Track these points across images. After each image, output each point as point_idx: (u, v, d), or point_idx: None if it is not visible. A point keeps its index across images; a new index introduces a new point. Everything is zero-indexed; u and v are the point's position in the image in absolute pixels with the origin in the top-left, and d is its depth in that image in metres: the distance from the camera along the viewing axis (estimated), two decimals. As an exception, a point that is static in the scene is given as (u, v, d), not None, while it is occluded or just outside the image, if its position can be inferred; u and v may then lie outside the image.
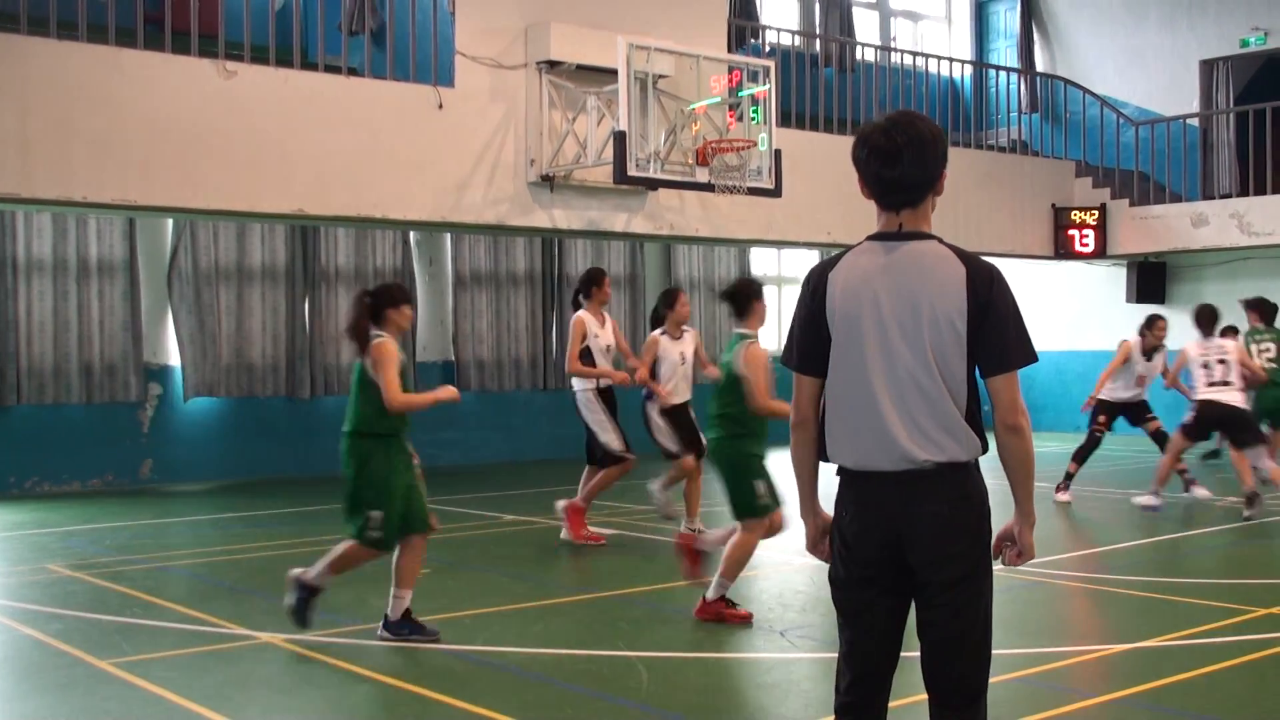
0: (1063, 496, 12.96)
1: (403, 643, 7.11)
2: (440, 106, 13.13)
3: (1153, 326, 13.29)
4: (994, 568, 3.82)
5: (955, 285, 3.65)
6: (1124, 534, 11.15)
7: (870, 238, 3.84)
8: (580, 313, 10.72)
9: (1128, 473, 15.60)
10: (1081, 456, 13.20)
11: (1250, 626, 7.33)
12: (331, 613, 7.92)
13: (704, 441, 8.99)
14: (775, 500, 7.56)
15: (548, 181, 13.72)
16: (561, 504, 10.74)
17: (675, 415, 10.57)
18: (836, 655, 3.96)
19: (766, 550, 10.23)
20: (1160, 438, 12.97)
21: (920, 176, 3.81)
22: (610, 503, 12.65)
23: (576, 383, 10.76)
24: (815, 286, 3.83)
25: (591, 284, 10.86)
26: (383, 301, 7.39)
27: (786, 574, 9.33)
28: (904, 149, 3.76)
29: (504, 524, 11.84)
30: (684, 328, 10.66)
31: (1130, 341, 13.16)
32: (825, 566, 4.01)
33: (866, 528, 3.75)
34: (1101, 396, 13.24)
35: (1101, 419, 13.21)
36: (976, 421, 3.70)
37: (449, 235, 16.84)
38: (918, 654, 3.85)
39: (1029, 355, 3.63)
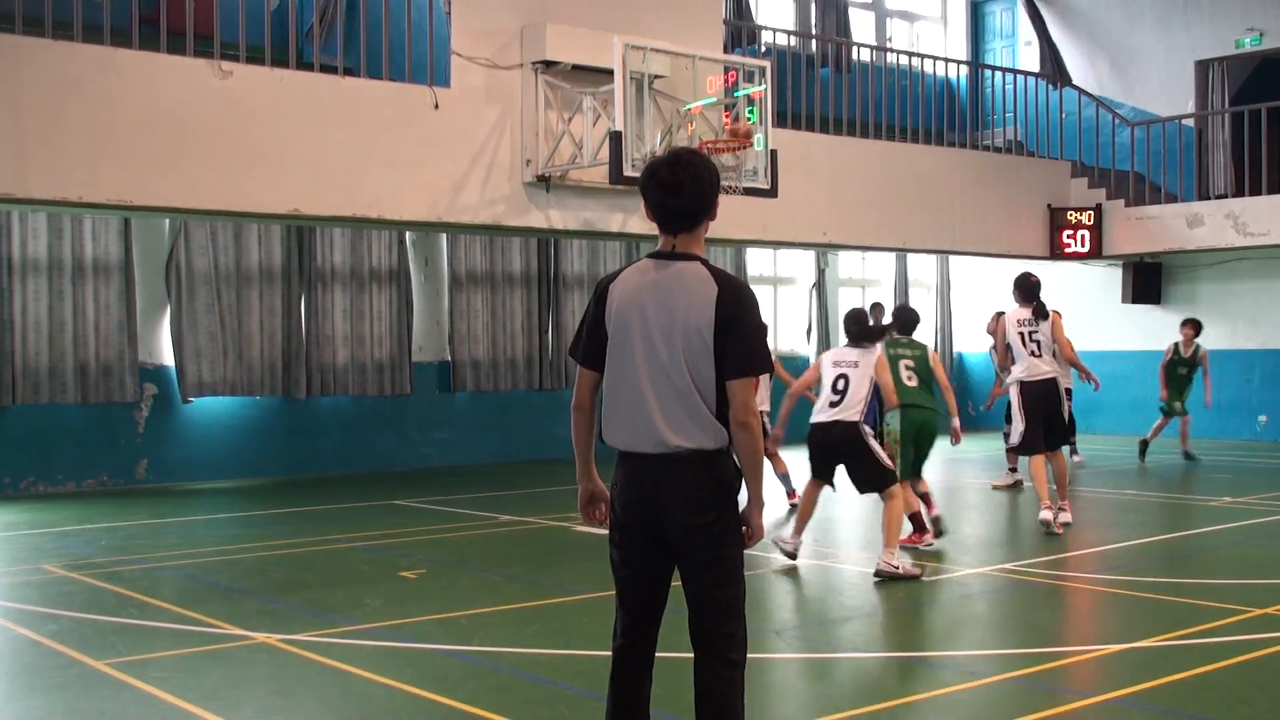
0: None
1: (402, 643, 7.10)
2: (436, 107, 13.12)
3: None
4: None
5: (706, 302, 4.30)
6: (1119, 534, 11.15)
7: (648, 256, 4.50)
8: None
9: (1123, 473, 15.60)
10: None
11: (1246, 626, 7.33)
12: (326, 613, 7.92)
13: None
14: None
15: (543, 182, 13.71)
16: None
17: None
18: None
19: (762, 551, 10.24)
20: None
21: (696, 206, 4.42)
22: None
23: None
24: (599, 295, 4.50)
25: None
26: None
27: (781, 575, 9.32)
28: (684, 183, 4.37)
29: (499, 524, 11.83)
30: None
31: None
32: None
33: (632, 499, 4.46)
34: None
35: None
36: (725, 416, 4.33)
37: (445, 235, 16.83)
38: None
39: (763, 365, 4.29)
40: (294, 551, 10.42)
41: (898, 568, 8.78)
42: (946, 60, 21.22)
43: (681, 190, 4.37)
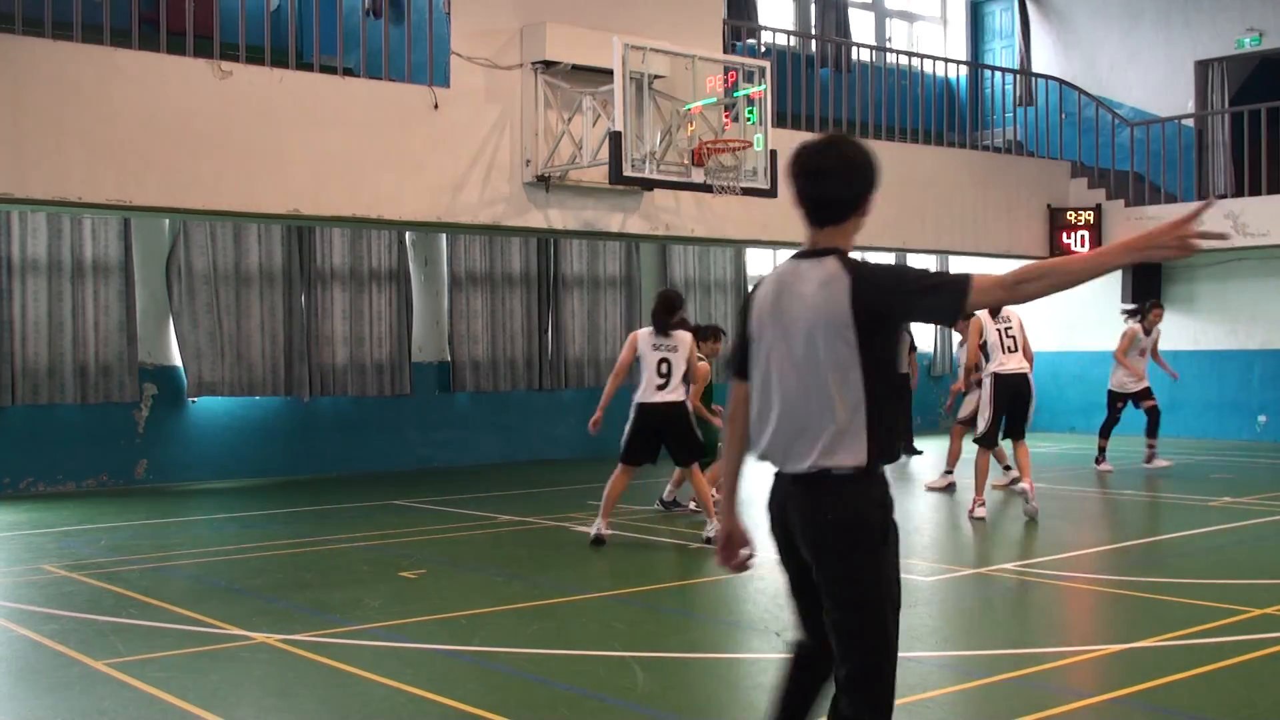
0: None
1: (402, 643, 7.11)
2: (436, 107, 13.13)
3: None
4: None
5: (838, 298, 3.84)
6: (1119, 534, 11.16)
7: (793, 255, 4.10)
8: None
9: (1122, 474, 15.60)
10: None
11: (1245, 627, 7.33)
12: (326, 613, 7.93)
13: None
14: None
15: (543, 182, 13.71)
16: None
17: None
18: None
19: (763, 551, 10.25)
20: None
21: (842, 195, 4.01)
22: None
23: None
24: (745, 303, 4.15)
25: None
26: None
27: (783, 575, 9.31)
28: (830, 169, 3.98)
29: (500, 524, 11.83)
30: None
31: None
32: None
33: (774, 519, 4.12)
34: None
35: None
36: (876, 429, 3.86)
37: (444, 235, 16.83)
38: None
39: (956, 290, 3.82)
40: (294, 551, 10.42)
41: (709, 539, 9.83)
42: (946, 60, 21.23)
43: (825, 176, 3.99)
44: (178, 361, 15.17)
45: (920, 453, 17.56)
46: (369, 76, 13.27)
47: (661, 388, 10.26)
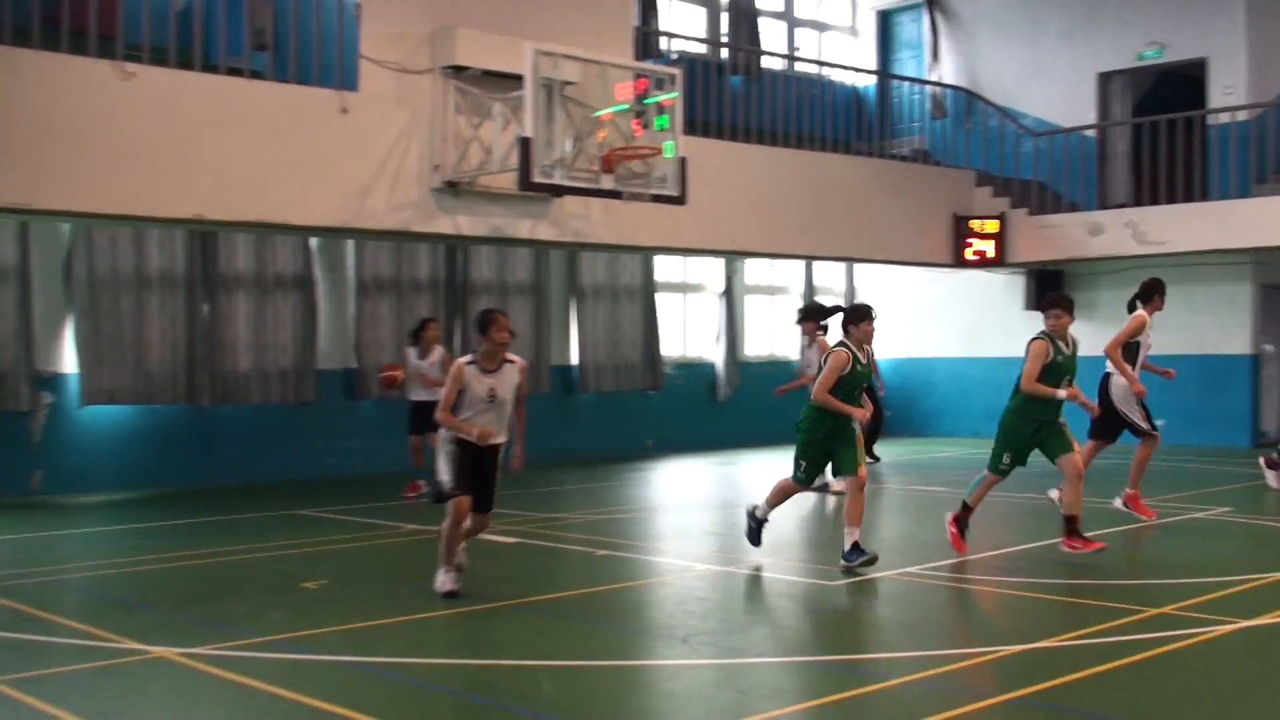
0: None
1: (305, 655, 7.02)
2: (344, 111, 13.01)
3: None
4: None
5: None
6: (1018, 536, 11.30)
7: None
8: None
9: (1023, 476, 15.79)
10: None
11: (1143, 626, 7.46)
12: (227, 626, 7.81)
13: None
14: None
15: (452, 187, 13.64)
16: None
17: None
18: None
19: (668, 557, 10.27)
20: None
21: None
22: (515, 510, 12.60)
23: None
24: None
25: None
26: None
27: (688, 580, 9.34)
28: None
29: (405, 534, 11.73)
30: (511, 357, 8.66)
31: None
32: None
33: None
34: None
35: None
36: None
37: (351, 241, 16.66)
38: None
39: None
40: (194, 563, 10.24)
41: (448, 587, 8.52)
42: (855, 70, 21.45)
43: None
44: (75, 369, 14.85)
45: (878, 459, 17.59)
46: (276, 79, 13.10)
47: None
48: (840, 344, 9.54)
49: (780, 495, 9.90)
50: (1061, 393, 9.70)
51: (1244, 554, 10.48)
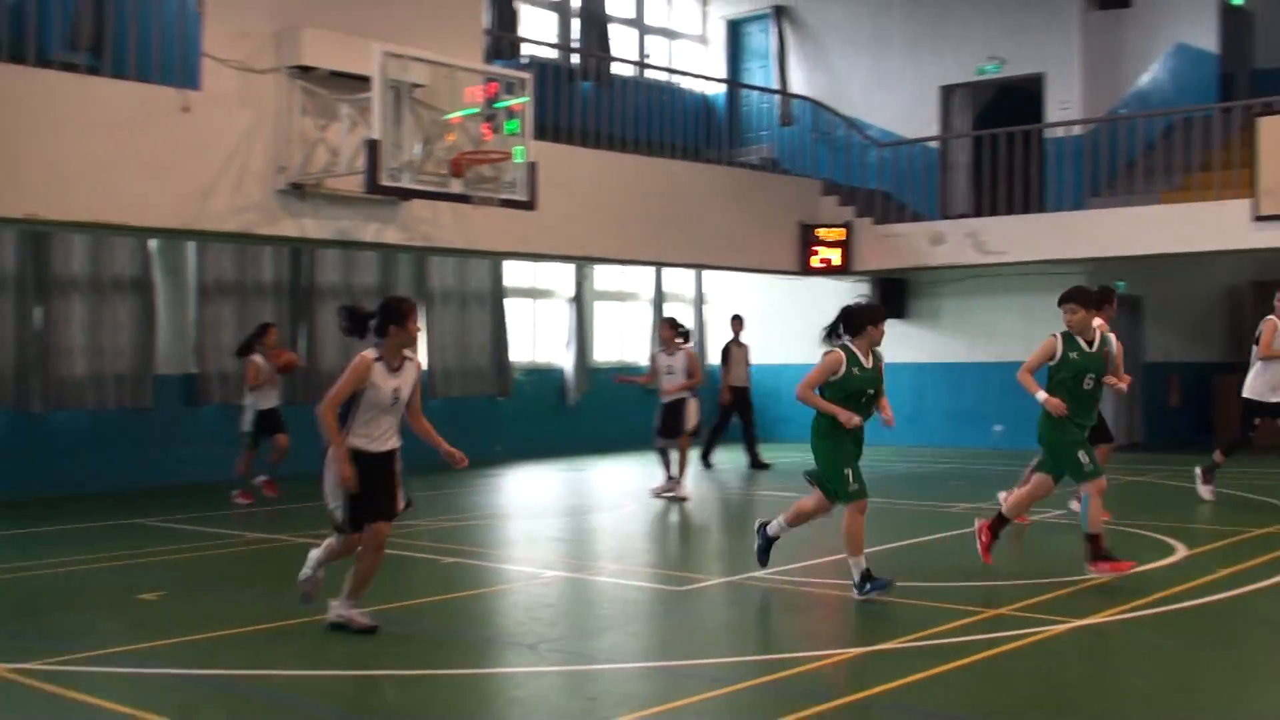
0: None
1: (142, 669, 6.82)
2: (185, 110, 12.69)
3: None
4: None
5: None
6: (866, 541, 11.47)
7: None
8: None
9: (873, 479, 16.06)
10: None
11: (982, 626, 7.63)
12: (60, 639, 7.55)
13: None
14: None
15: (298, 190, 13.40)
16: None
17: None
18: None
19: (516, 564, 10.22)
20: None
21: None
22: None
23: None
24: None
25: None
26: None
27: (536, 588, 9.30)
28: None
29: (247, 542, 11.48)
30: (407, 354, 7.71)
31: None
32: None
33: None
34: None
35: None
36: None
37: (193, 243, 16.26)
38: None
39: None
40: (26, 575, 9.88)
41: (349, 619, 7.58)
42: (705, 78, 21.63)
43: None
44: (-100, 373, 14.24)
45: (769, 466, 17.65)
46: (114, 75, 12.73)
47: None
48: (841, 345, 8.78)
49: (798, 517, 9.01)
50: (1041, 394, 9.10)
51: (1076, 555, 10.77)
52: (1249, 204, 16.51)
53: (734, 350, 18.08)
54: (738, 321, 18.33)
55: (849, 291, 21.37)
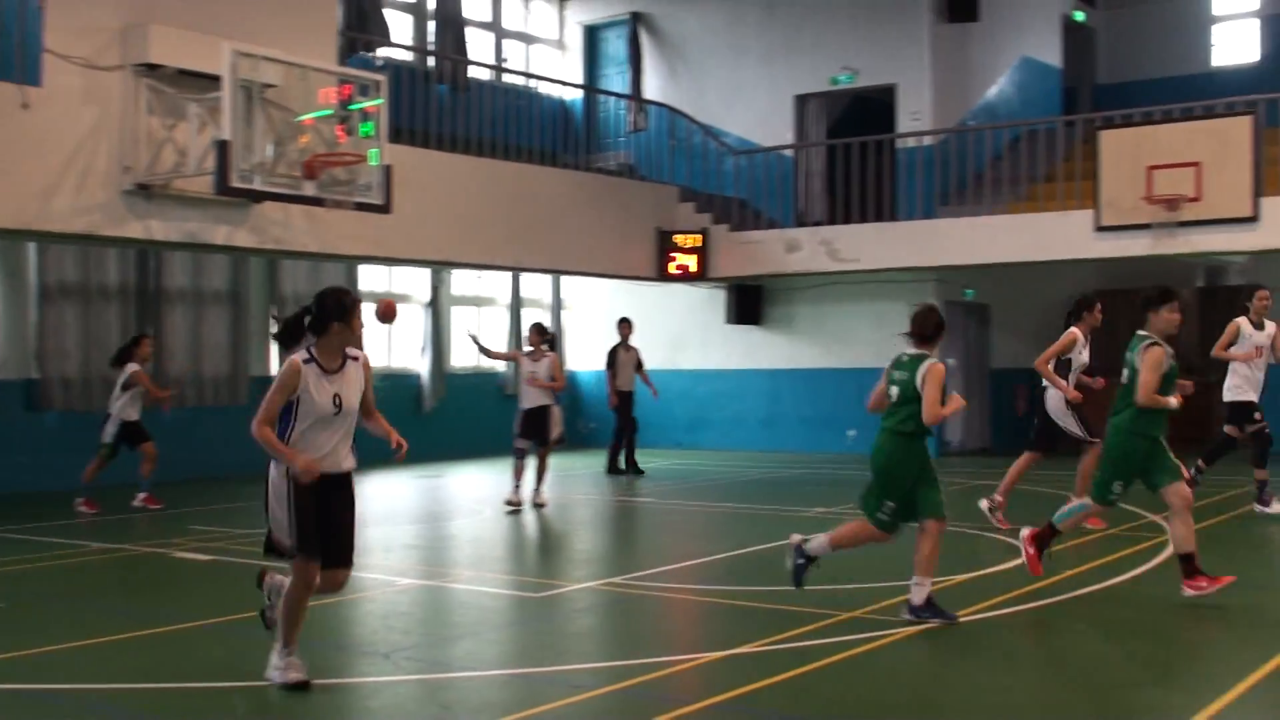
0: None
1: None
2: (25, 106, 12.27)
3: (1251, 297, 12.86)
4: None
5: None
6: (719, 545, 11.56)
7: None
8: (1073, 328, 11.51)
9: (727, 486, 16.21)
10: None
11: (838, 629, 7.71)
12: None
13: None
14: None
15: (144, 190, 13.04)
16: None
17: None
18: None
19: (370, 572, 10.07)
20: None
21: None
22: (210, 526, 12.15)
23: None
24: None
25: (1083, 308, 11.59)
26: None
27: (390, 595, 9.18)
28: None
29: (90, 552, 11.13)
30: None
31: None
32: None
33: None
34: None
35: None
36: None
37: (33, 244, 15.74)
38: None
39: None
40: None
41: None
42: (562, 83, 21.61)
43: None
44: None
45: (643, 472, 17.59)
46: (-53, 70, 12.28)
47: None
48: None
49: (852, 539, 8.35)
50: (1173, 401, 8.43)
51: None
52: (1091, 215, 17.00)
53: (621, 354, 18.07)
54: (626, 325, 18.27)
55: (705, 298, 21.55)
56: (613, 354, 18.09)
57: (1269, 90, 18.99)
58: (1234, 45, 24.45)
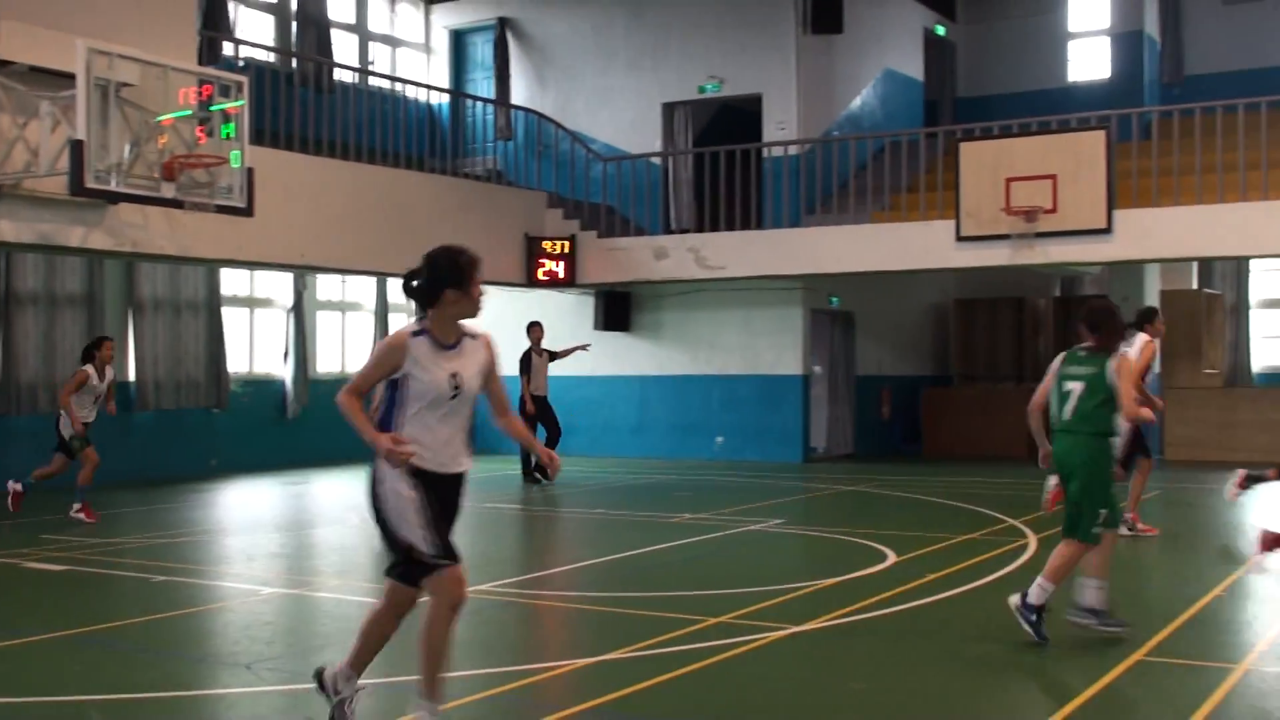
0: None
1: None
2: None
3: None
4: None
5: None
6: (587, 551, 11.54)
7: None
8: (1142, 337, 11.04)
9: (595, 492, 16.19)
10: None
11: (703, 635, 7.74)
12: None
13: None
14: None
15: (-7, 190, 12.62)
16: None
17: None
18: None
19: (232, 581, 9.85)
20: None
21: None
22: (59, 536, 11.79)
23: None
24: None
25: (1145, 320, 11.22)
26: None
27: (254, 605, 8.99)
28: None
29: (-62, 564, 10.72)
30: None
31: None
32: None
33: None
34: None
35: None
36: None
37: (-124, 246, 15.13)
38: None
39: None
40: None
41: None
42: (428, 87, 21.43)
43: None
44: None
45: (540, 481, 17.22)
46: None
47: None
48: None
49: (1066, 569, 7.57)
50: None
51: (795, 563, 11.12)
52: (952, 225, 17.34)
53: (534, 359, 17.94)
54: (537, 329, 18.15)
55: (574, 304, 21.54)
56: (525, 358, 17.97)
57: (1121, 105, 19.57)
58: (1088, 62, 25.17)
